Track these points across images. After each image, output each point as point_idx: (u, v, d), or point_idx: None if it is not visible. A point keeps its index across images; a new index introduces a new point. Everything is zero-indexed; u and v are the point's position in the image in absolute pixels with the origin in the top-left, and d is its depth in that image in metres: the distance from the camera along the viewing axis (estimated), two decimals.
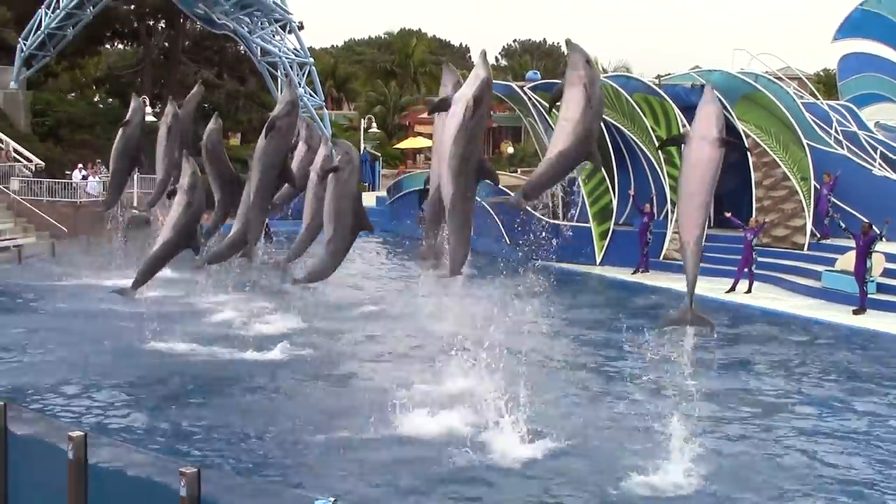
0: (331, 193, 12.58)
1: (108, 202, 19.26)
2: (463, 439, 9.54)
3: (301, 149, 14.68)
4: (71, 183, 27.36)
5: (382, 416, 10.21)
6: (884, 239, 17.13)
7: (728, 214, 18.91)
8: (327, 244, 12.43)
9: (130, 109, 18.10)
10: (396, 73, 64.58)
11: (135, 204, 28.87)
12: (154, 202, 17.90)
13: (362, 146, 43.68)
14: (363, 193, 17.22)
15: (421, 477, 8.77)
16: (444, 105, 8.61)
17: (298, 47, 31.29)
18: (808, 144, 20.84)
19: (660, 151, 21.64)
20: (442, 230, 10.31)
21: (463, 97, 8.35)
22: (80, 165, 28.77)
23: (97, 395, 11.39)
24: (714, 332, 9.87)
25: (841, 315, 16.72)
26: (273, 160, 12.21)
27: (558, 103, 8.80)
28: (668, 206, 21.63)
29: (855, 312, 16.71)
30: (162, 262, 13.92)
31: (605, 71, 22.21)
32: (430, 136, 54.76)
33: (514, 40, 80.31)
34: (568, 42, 8.80)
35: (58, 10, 30.16)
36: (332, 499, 6.13)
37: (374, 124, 47.33)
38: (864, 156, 21.62)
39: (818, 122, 21.60)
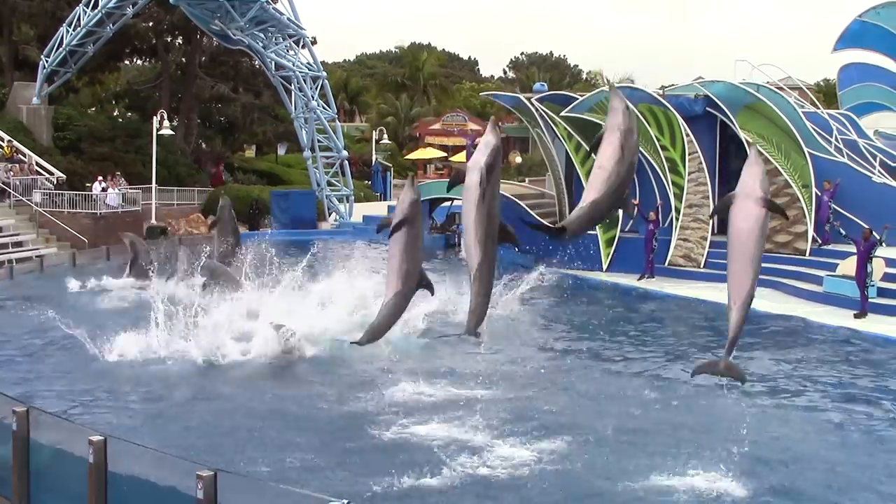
0: None
1: None
2: (472, 444, 9.63)
3: None
4: (91, 195, 27.86)
5: (392, 421, 10.39)
6: (884, 244, 17.26)
7: None
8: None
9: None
10: (407, 85, 65.21)
11: (152, 216, 29.66)
12: None
13: (374, 157, 44.37)
14: (375, 202, 17.45)
15: (435, 481, 8.85)
16: (459, 177, 8.69)
17: (312, 61, 31.74)
18: (809, 152, 20.98)
19: (665, 161, 22.08)
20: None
21: (476, 165, 8.39)
22: (100, 178, 29.23)
23: (113, 400, 11.48)
24: (745, 384, 9.65)
25: (842, 319, 16.84)
26: None
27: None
28: (673, 213, 22.02)
29: (856, 316, 16.89)
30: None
31: (609, 83, 22.50)
32: (441, 148, 55.38)
33: (522, 53, 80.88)
34: (611, 87, 8.95)
35: (79, 28, 30.56)
36: (346, 501, 6.14)
37: (386, 135, 48.00)
38: (863, 163, 21.77)
39: (819, 130, 21.75)
